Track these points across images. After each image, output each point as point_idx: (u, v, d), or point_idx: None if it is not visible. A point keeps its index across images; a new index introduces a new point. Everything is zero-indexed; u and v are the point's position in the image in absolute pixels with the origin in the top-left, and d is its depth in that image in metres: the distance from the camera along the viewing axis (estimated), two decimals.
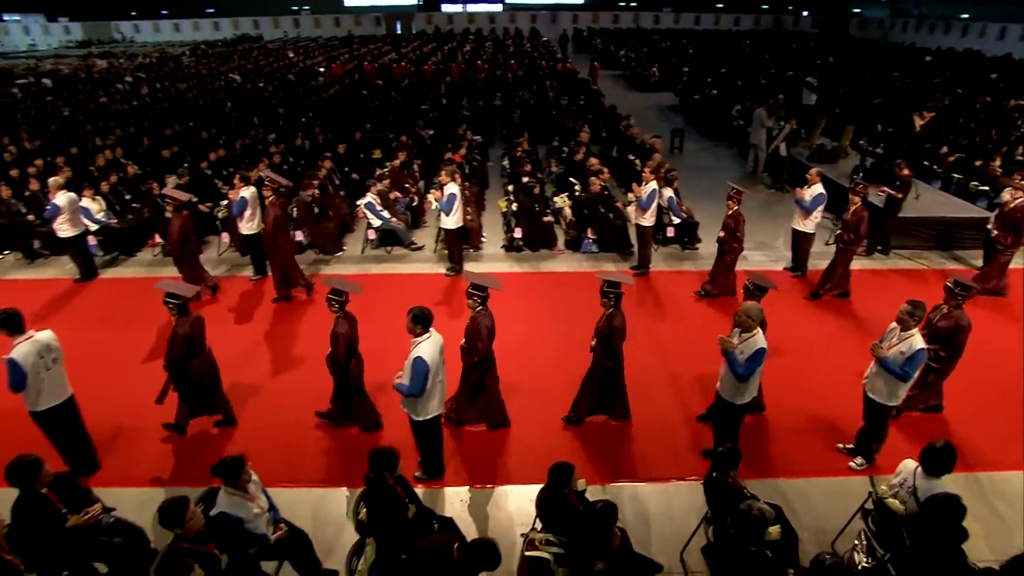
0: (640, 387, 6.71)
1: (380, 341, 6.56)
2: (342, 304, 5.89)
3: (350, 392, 6.17)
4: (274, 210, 8.58)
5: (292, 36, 43.92)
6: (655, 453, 6.04)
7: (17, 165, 12.20)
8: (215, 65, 28.50)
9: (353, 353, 6.05)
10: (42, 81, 24.74)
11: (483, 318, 5.78)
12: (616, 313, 5.80)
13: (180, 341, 5.80)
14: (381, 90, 20.31)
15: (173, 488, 5.62)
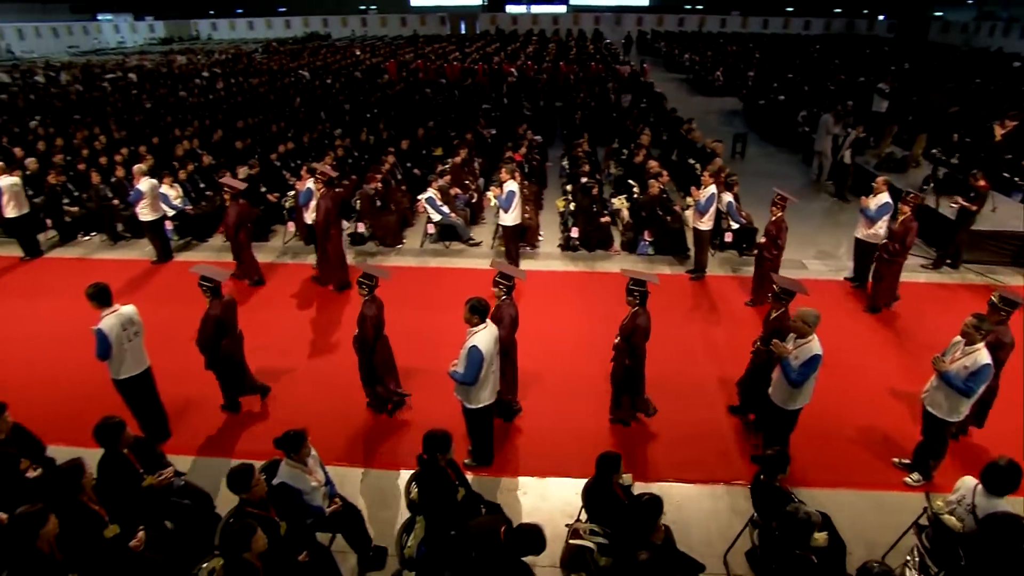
0: (691, 391, 6.71)
1: (437, 331, 6.76)
2: (371, 288, 6.12)
3: (376, 375, 6.39)
4: (325, 202, 8.87)
5: (359, 35, 45.10)
6: (703, 456, 6.03)
7: (106, 153, 13.01)
8: (285, 62, 29.55)
9: (379, 335, 6.27)
10: (128, 76, 26.19)
11: (507, 307, 5.88)
12: (641, 312, 5.80)
13: (211, 322, 6.12)
14: (444, 89, 20.68)
15: (235, 459, 5.94)
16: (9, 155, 13.18)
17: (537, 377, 7.04)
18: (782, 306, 5.86)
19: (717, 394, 6.90)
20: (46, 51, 42.92)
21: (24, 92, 22.67)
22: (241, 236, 9.25)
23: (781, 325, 5.74)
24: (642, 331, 5.80)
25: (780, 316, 5.84)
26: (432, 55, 29.69)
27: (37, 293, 9.48)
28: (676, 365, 7.32)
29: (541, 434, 6.31)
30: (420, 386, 6.85)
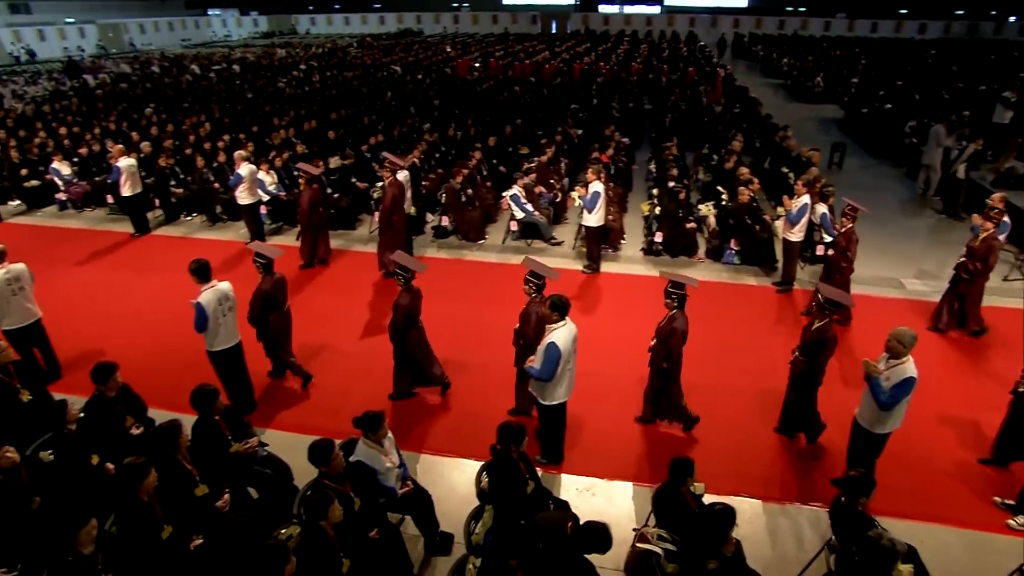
0: (773, 406, 6.51)
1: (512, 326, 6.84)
2: (407, 279, 6.33)
3: (408, 362, 6.60)
4: (392, 190, 9.21)
5: (451, 32, 46.03)
6: (780, 473, 5.86)
7: (210, 139, 13.91)
8: (379, 56, 30.59)
9: (412, 324, 6.46)
10: (232, 67, 27.85)
11: (536, 305, 5.87)
12: (679, 315, 5.75)
13: (260, 297, 6.52)
14: (533, 87, 20.85)
15: (311, 436, 6.24)
16: (127, 139, 14.33)
17: (613, 379, 7.03)
18: (826, 317, 5.63)
19: None
20: (162, 43, 46.19)
21: (142, 81, 24.52)
22: (313, 219, 9.76)
23: (823, 337, 5.57)
24: (679, 334, 5.74)
25: (822, 328, 5.63)
26: (522, 53, 29.98)
27: (144, 267, 10.25)
28: (752, 377, 7.15)
29: (613, 437, 6.30)
30: (495, 381, 6.97)
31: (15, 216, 12.82)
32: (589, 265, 9.69)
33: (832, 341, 5.60)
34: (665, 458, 5.74)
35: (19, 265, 6.74)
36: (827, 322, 5.63)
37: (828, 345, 5.60)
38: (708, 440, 6.26)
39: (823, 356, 5.67)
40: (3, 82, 26.20)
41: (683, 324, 5.77)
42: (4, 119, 16.94)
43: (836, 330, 5.72)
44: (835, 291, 5.81)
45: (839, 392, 6.78)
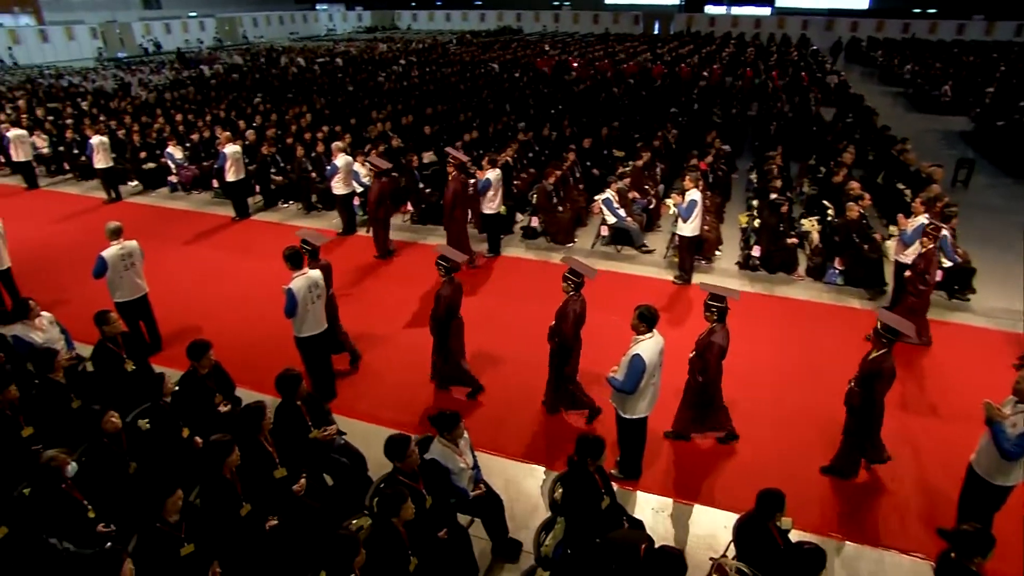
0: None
1: (597, 334, 6.75)
2: (448, 270, 6.46)
3: (449, 353, 6.71)
4: (455, 184, 9.45)
5: (551, 30, 46.11)
6: (872, 513, 5.46)
7: (310, 129, 14.52)
8: (477, 53, 31.07)
9: (453, 316, 6.56)
10: (335, 60, 29.04)
11: (573, 302, 5.95)
12: (719, 328, 5.59)
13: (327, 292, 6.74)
14: (632, 89, 20.56)
15: (389, 428, 6.37)
16: (235, 127, 15.19)
17: None
18: (884, 347, 5.26)
19: (903, 450, 6.21)
20: (272, 36, 48.83)
21: (252, 72, 25.97)
22: (380, 212, 10.17)
23: (879, 368, 5.22)
24: (717, 348, 5.57)
25: (879, 358, 5.27)
26: (621, 54, 29.64)
27: (241, 250, 10.82)
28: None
29: (694, 457, 6.08)
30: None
31: (133, 195, 13.86)
32: (680, 276, 9.42)
33: (888, 373, 5.21)
34: (746, 484, 5.55)
35: (132, 242, 7.24)
36: (884, 352, 5.28)
37: (884, 377, 5.23)
38: (800, 472, 5.92)
39: (878, 388, 5.29)
40: (132, 71, 28.46)
41: (722, 338, 5.60)
42: (129, 106, 18.39)
43: (928, 356, 5.27)
44: (895, 318, 5.41)
45: (943, 426, 6.26)
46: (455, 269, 6.56)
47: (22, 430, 5.34)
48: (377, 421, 6.54)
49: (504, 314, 8.61)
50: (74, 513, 4.52)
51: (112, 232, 7.13)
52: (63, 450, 4.47)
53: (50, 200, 13.79)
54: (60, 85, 24.32)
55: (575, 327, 6.04)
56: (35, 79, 26.43)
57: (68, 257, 10.43)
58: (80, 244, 10.73)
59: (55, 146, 15.22)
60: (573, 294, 6.01)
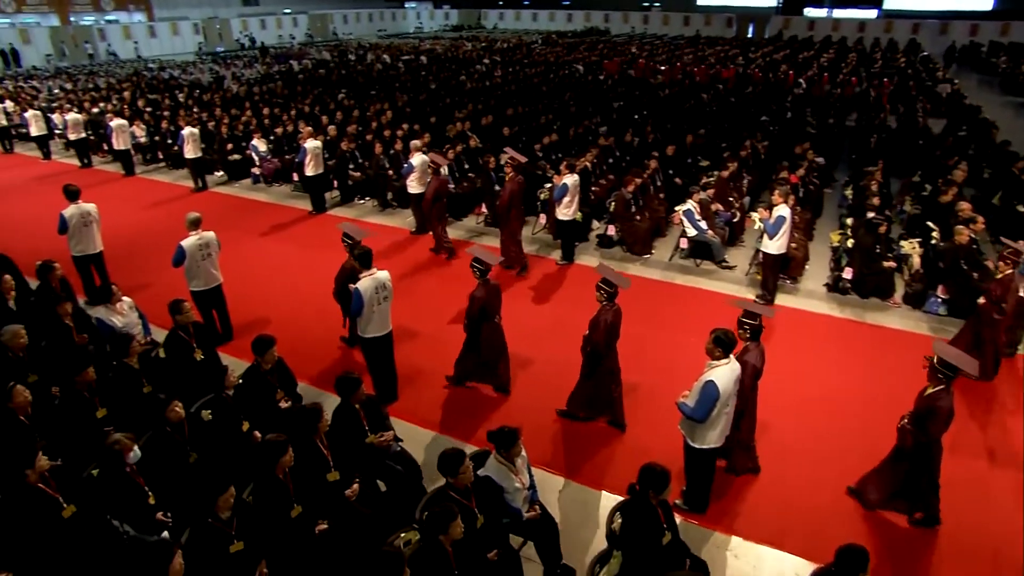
0: (956, 496, 5.55)
1: (665, 352, 6.49)
2: (483, 272, 6.51)
3: (474, 354, 6.79)
4: (512, 185, 9.52)
5: (639, 32, 45.41)
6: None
7: (390, 127, 14.75)
8: (562, 54, 30.92)
9: (486, 318, 6.59)
10: (420, 58, 29.54)
11: (605, 312, 5.93)
12: (752, 347, 5.33)
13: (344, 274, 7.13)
14: (720, 96, 19.91)
15: (448, 437, 6.32)
16: (317, 122, 15.63)
17: (772, 429, 6.38)
18: (941, 383, 4.87)
19: (984, 495, 5.63)
20: (361, 33, 50.30)
21: (338, 68, 26.76)
22: (436, 208, 10.36)
23: (934, 406, 4.83)
24: (751, 368, 5.27)
25: (935, 395, 4.88)
26: (711, 58, 28.82)
27: (315, 244, 11.05)
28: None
29: (766, 494, 5.70)
30: (647, 412, 6.62)
31: (218, 185, 14.48)
32: (762, 295, 8.95)
33: (944, 412, 4.81)
34: (823, 528, 5.16)
35: (210, 233, 7.49)
36: (941, 389, 4.88)
37: (939, 416, 4.82)
38: (886, 520, 5.46)
39: (932, 429, 4.89)
40: (227, 65, 29.89)
41: (756, 358, 5.32)
42: (219, 98, 19.27)
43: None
44: (953, 352, 4.96)
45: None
46: (488, 271, 6.58)
47: (97, 411, 5.59)
48: (437, 428, 6.49)
49: (572, 322, 8.31)
50: (136, 498, 4.65)
51: (192, 223, 7.39)
52: (128, 435, 4.61)
53: (143, 187, 14.59)
54: (162, 77, 25.82)
55: (607, 337, 5.98)
56: (141, 72, 28.19)
57: (155, 243, 10.94)
58: (167, 231, 11.24)
59: (151, 135, 16.11)
60: (606, 303, 6.00)
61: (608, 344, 6.04)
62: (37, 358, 6.23)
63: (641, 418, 6.49)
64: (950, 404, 4.84)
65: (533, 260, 10.35)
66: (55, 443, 5.35)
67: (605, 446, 6.25)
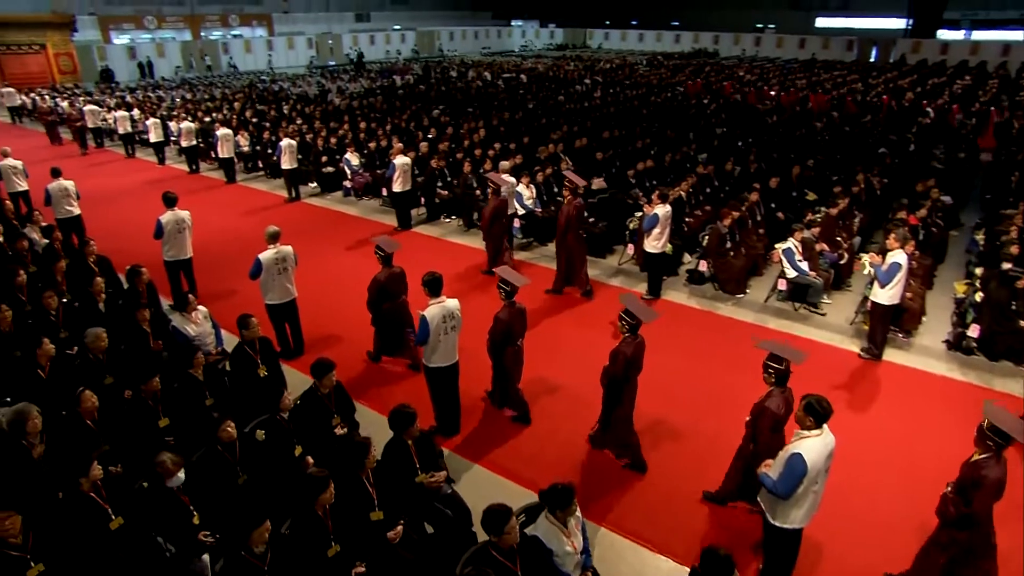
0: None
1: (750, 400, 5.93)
2: (508, 293, 6.41)
3: (503, 378, 6.72)
4: (569, 208, 9.43)
5: (749, 55, 44.01)
6: None
7: (482, 146, 14.75)
8: (666, 76, 30.32)
9: (509, 342, 6.48)
10: (520, 76, 29.75)
11: (626, 345, 5.82)
12: (776, 393, 5.09)
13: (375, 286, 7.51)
14: (833, 124, 18.77)
15: (508, 480, 6.02)
16: (412, 137, 15.90)
17: (876, 508, 5.68)
18: (989, 450, 4.38)
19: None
20: (466, 50, 51.53)
21: (438, 84, 27.37)
22: (495, 228, 10.33)
23: (978, 475, 4.33)
24: (769, 415, 5.03)
25: (980, 463, 4.39)
26: (827, 83, 27.40)
27: (397, 262, 11.03)
28: None
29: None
30: (718, 461, 6.08)
31: (310, 196, 14.97)
32: (868, 349, 8.14)
33: (991, 483, 4.27)
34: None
35: (287, 247, 7.61)
36: (989, 456, 4.38)
37: (984, 487, 4.29)
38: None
39: (977, 500, 4.33)
40: (333, 79, 31.25)
41: (777, 405, 5.04)
42: (320, 110, 20.05)
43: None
44: (1005, 416, 4.41)
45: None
46: (514, 292, 6.40)
47: (160, 420, 5.69)
48: (496, 470, 6.21)
49: (650, 364, 7.93)
50: (180, 516, 4.64)
51: (271, 236, 7.53)
52: (176, 458, 4.60)
53: (241, 194, 15.30)
54: (272, 90, 27.27)
55: (625, 370, 5.80)
56: (255, 83, 29.94)
57: (244, 249, 11.29)
58: (257, 238, 11.54)
59: (254, 145, 16.92)
60: (628, 335, 5.86)
61: (626, 377, 5.87)
62: (116, 361, 6.46)
63: (716, 472, 5.95)
64: (1000, 475, 4.31)
65: (615, 292, 9.94)
66: (118, 449, 5.49)
67: (672, 504, 5.75)
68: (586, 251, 10.02)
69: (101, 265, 8.70)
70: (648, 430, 6.52)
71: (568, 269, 9.78)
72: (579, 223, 9.64)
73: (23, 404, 5.21)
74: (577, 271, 9.78)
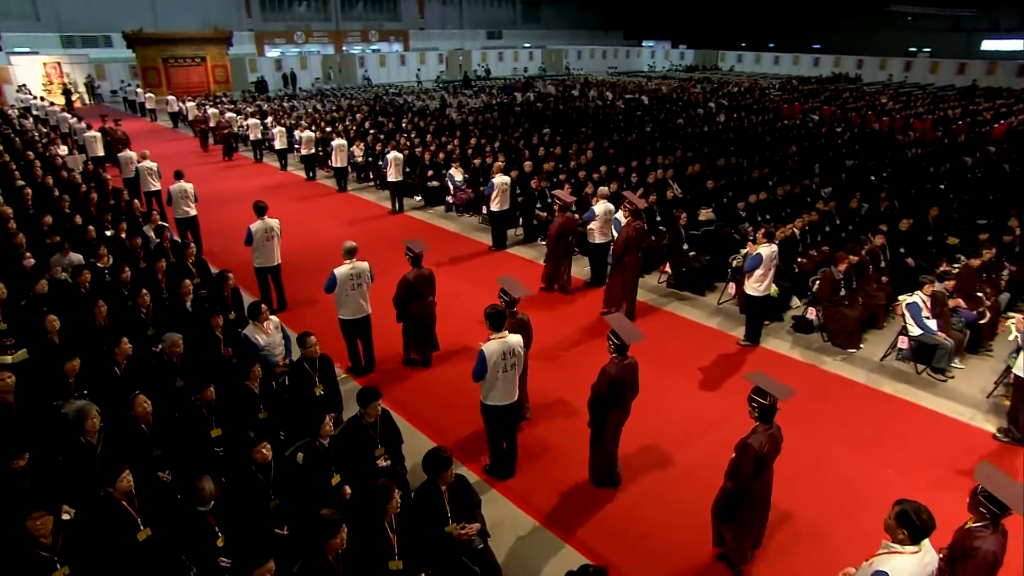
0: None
1: (853, 477, 5.13)
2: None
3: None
4: (627, 231, 9.20)
5: (897, 80, 40.71)
6: None
7: (588, 168, 14.28)
8: (799, 101, 28.51)
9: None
10: (641, 97, 29.02)
11: (612, 365, 5.61)
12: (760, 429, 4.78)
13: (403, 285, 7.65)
14: (987, 160, 16.70)
15: (556, 536, 5.52)
16: (520, 156, 15.69)
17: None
18: (983, 518, 3.95)
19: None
20: (592, 69, 51.33)
21: (557, 103, 27.21)
22: (560, 246, 10.28)
23: (969, 546, 3.89)
24: (751, 451, 4.68)
25: (976, 531, 3.95)
26: (987, 113, 24.67)
27: (486, 282, 10.70)
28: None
29: None
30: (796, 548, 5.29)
31: (413, 209, 15.12)
32: (1008, 431, 6.87)
33: (984, 556, 3.81)
34: None
35: (364, 263, 7.52)
36: (983, 526, 3.94)
37: (975, 559, 3.84)
38: None
39: (965, 573, 3.89)
40: (455, 94, 31.91)
41: (760, 442, 4.72)
42: (432, 125, 20.38)
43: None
44: (1003, 483, 3.91)
45: None
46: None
47: (212, 430, 5.68)
48: (549, 525, 5.69)
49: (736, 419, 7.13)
50: (205, 538, 4.51)
51: (347, 251, 7.47)
52: (215, 487, 4.49)
53: (349, 203, 15.73)
54: (396, 103, 28.19)
55: (609, 390, 5.57)
56: (380, 95, 31.14)
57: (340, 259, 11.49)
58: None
59: (367, 156, 17.39)
60: (616, 356, 5.65)
61: (613, 397, 5.61)
62: (190, 365, 6.56)
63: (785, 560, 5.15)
64: (995, 547, 3.85)
65: (710, 334, 9.16)
66: (170, 455, 5.52)
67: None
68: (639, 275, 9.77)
69: (199, 267, 9.05)
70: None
71: (620, 288, 9.45)
72: (638, 245, 9.32)
73: (85, 402, 5.35)
74: (629, 294, 9.47)
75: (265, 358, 6.87)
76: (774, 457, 4.87)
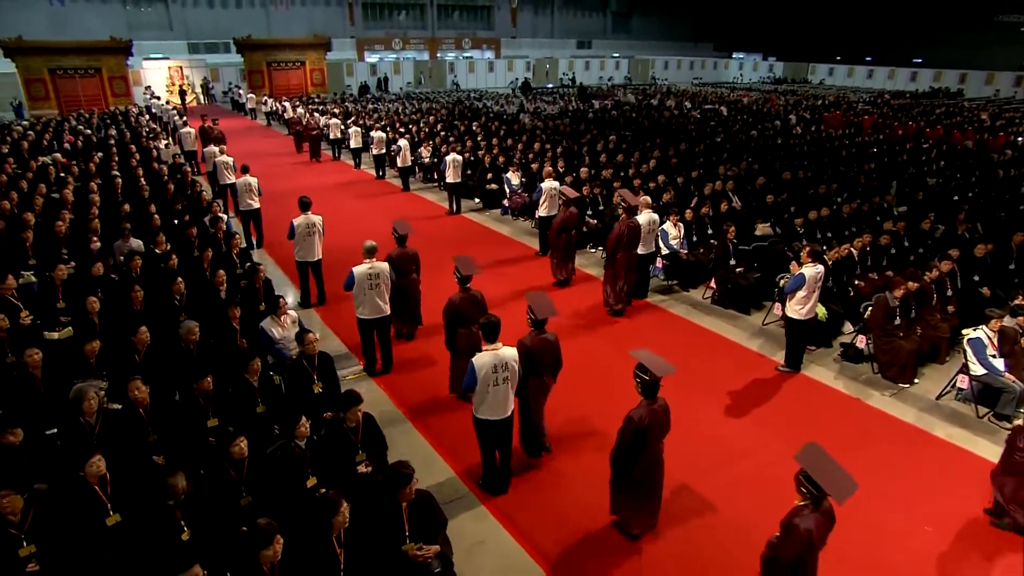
0: None
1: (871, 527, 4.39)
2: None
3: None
4: (620, 227, 9.11)
5: (1004, 96, 37.14)
6: None
7: (645, 177, 13.57)
8: (887, 115, 26.40)
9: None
10: (719, 108, 27.70)
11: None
12: (644, 404, 4.84)
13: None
14: None
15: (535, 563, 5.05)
16: (580, 162, 15.14)
17: None
18: (805, 497, 3.89)
19: None
20: (677, 79, 49.79)
21: (633, 111, 26.38)
22: (562, 239, 10.36)
23: (791, 523, 3.84)
24: (632, 424, 4.75)
25: (797, 509, 3.90)
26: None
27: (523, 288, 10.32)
28: None
29: None
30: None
31: (470, 211, 14.87)
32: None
33: (799, 533, 3.80)
34: None
35: (383, 264, 7.28)
36: (804, 505, 3.91)
37: (791, 536, 3.83)
38: None
39: (781, 547, 3.91)
40: (533, 99, 31.59)
41: (641, 416, 4.75)
42: (503, 128, 20.11)
43: None
44: (825, 467, 3.88)
45: None
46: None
47: (208, 420, 5.55)
48: (532, 546, 5.24)
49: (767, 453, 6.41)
50: (170, 531, 4.34)
51: (368, 251, 7.25)
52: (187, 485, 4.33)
53: (410, 202, 15.67)
54: (475, 107, 28.14)
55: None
56: (461, 100, 31.21)
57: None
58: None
59: (433, 157, 17.31)
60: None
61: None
62: (206, 353, 6.51)
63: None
64: (812, 526, 3.81)
65: (748, 356, 8.38)
66: (167, 441, 5.43)
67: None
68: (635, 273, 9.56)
69: (243, 257, 9.11)
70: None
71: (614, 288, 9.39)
72: (631, 244, 9.21)
73: (82, 384, 5.34)
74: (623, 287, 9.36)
75: (280, 351, 6.75)
76: (659, 433, 4.93)
